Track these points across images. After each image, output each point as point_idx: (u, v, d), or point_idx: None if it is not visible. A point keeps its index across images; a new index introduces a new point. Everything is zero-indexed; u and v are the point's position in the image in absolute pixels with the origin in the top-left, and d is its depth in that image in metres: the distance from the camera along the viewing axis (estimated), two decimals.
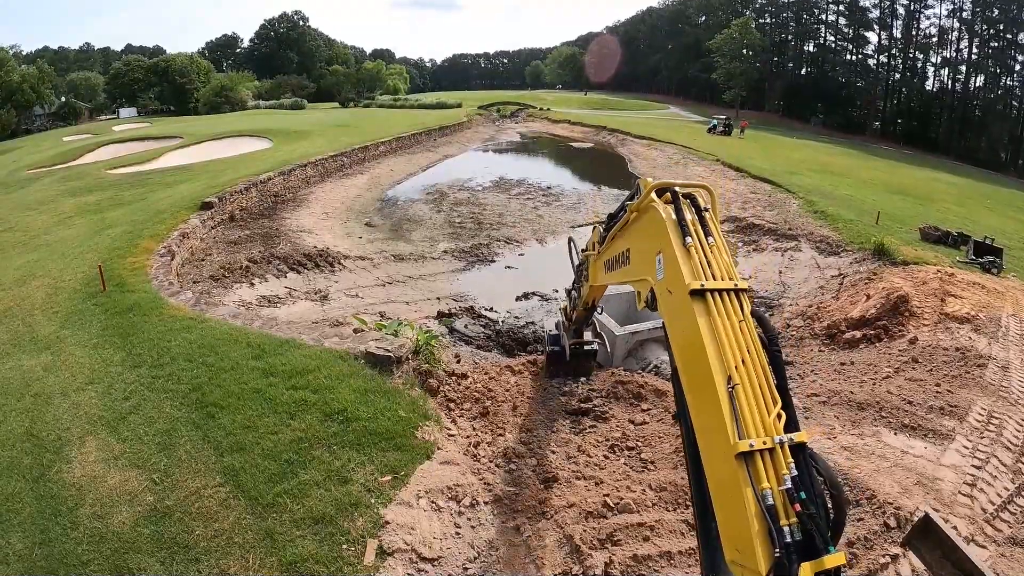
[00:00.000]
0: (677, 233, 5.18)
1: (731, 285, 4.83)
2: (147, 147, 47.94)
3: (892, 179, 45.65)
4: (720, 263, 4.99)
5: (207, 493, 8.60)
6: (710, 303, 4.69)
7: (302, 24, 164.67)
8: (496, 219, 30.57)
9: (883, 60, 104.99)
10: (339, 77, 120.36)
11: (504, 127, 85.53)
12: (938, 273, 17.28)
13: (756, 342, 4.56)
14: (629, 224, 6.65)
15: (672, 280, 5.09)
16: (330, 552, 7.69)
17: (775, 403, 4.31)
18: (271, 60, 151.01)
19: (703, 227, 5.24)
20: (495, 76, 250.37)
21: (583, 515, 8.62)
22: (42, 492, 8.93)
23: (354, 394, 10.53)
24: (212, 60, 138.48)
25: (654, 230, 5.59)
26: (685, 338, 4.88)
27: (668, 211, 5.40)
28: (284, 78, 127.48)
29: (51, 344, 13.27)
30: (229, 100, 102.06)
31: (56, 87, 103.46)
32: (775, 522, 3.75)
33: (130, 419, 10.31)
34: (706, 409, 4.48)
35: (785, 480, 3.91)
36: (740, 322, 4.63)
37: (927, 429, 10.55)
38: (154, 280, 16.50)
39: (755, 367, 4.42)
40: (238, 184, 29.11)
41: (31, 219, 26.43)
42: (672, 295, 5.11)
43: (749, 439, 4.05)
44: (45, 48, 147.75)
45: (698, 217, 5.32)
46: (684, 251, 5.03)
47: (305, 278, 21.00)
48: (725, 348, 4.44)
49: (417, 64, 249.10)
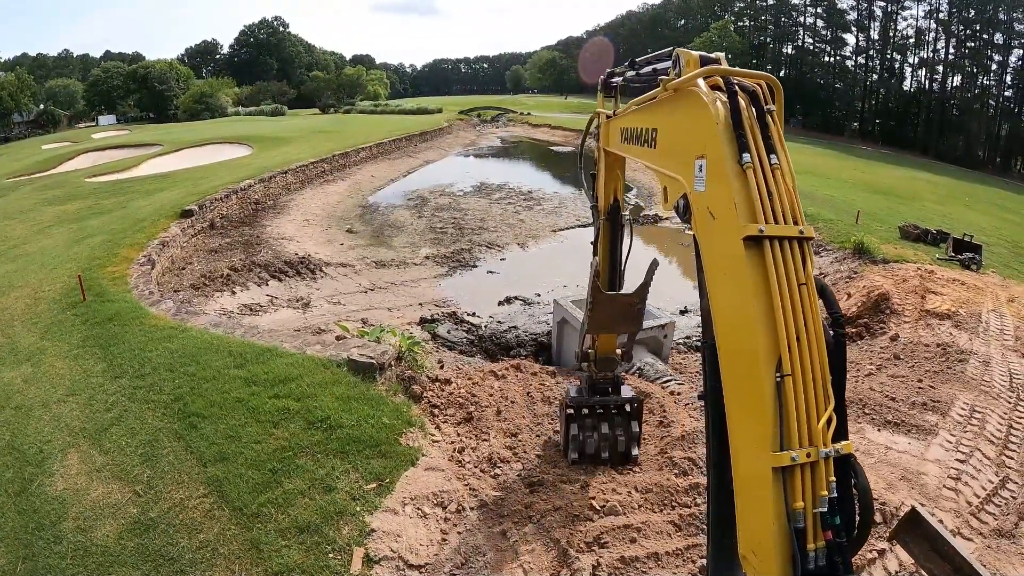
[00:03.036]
0: (731, 143, 3.88)
1: (796, 232, 3.78)
2: (127, 155, 47.77)
3: (872, 179, 46.11)
4: (785, 195, 3.87)
5: (191, 504, 8.53)
6: (767, 255, 3.67)
7: (282, 30, 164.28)
8: (478, 224, 30.66)
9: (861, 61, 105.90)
10: (319, 83, 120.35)
11: (485, 132, 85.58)
12: (918, 271, 17.46)
13: (817, 315, 3.71)
14: (660, 103, 5.13)
15: (718, 207, 3.97)
16: (316, 561, 7.62)
17: (828, 402, 3.65)
18: (251, 66, 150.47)
19: (765, 139, 3.95)
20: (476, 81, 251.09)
21: (570, 518, 8.62)
22: (24, 506, 8.85)
23: (337, 401, 10.47)
24: (192, 66, 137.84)
25: (697, 128, 4.20)
26: (729, 299, 3.93)
27: (720, 107, 3.99)
28: (264, 84, 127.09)
29: (31, 355, 13.15)
30: (209, 107, 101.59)
31: (35, 94, 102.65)
32: (802, 545, 3.42)
33: (112, 430, 10.22)
34: (744, 400, 3.80)
35: (822, 502, 3.47)
36: (801, 286, 3.70)
37: (910, 425, 10.65)
38: (135, 289, 16.39)
39: (811, 350, 3.64)
40: (218, 192, 29.10)
41: (10, 228, 26.20)
42: (715, 226, 4.01)
43: (792, 450, 3.48)
44: (23, 55, 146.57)
45: (759, 122, 4.00)
46: (739, 172, 3.82)
47: (287, 286, 20.97)
48: (779, 320, 3.59)
49: (397, 70, 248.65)
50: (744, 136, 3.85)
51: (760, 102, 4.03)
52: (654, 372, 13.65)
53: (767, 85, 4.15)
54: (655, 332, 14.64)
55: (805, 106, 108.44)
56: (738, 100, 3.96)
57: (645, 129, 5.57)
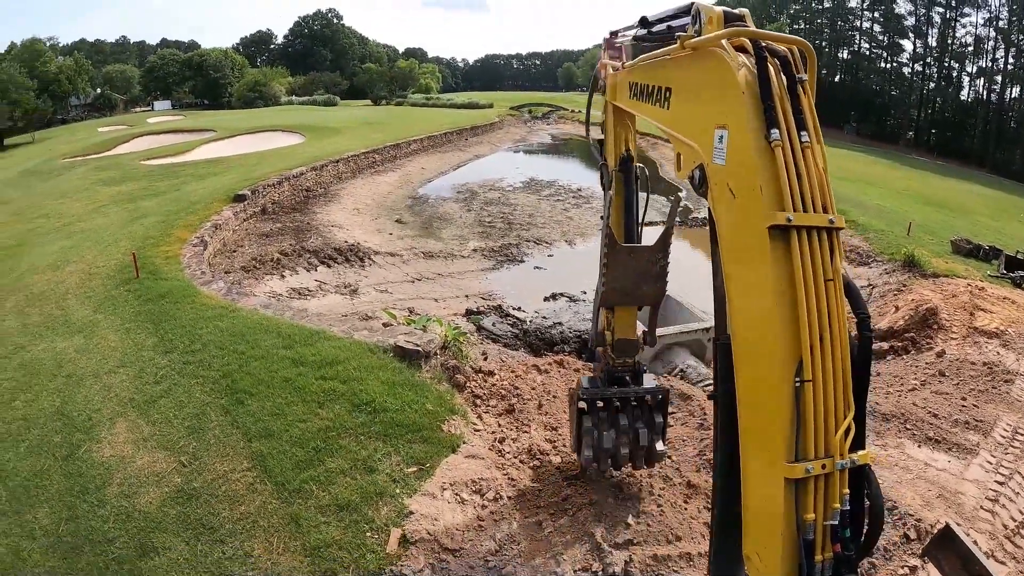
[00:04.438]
0: (757, 116, 3.44)
1: (826, 221, 3.42)
2: (181, 139, 48.63)
3: (925, 190, 45.17)
4: (815, 179, 3.46)
5: (234, 477, 8.76)
6: (794, 247, 3.33)
7: (336, 22, 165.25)
8: (526, 219, 30.61)
9: (918, 69, 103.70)
10: (372, 75, 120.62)
11: (535, 128, 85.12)
12: (968, 287, 17.09)
13: (843, 315, 3.41)
14: (676, 60, 4.50)
15: (740, 186, 3.59)
16: (354, 539, 7.79)
17: (848, 410, 3.41)
18: (305, 57, 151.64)
19: (795, 112, 3.50)
20: (527, 77, 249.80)
21: (605, 513, 8.64)
22: (71, 470, 9.16)
23: (382, 386, 10.61)
24: (246, 56, 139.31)
25: (720, 94, 3.73)
26: (749, 294, 3.63)
27: (746, 73, 3.52)
28: (317, 75, 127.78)
29: (84, 327, 13.54)
30: (263, 95, 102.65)
31: (92, 79, 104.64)
32: (809, 556, 3.30)
33: (160, 402, 10.52)
34: (759, 405, 3.56)
35: (834, 515, 3.33)
36: (828, 282, 3.37)
37: (951, 443, 10.45)
38: (187, 269, 16.78)
39: (835, 353, 3.37)
40: (270, 178, 29.53)
41: (66, 206, 26.93)
42: (737, 206, 3.65)
43: (807, 462, 3.27)
44: (82, 40, 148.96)
45: (789, 94, 3.53)
46: (766, 150, 3.40)
47: (335, 272, 21.26)
48: (803, 320, 3.28)
49: (449, 63, 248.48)
50: (773, 109, 3.41)
51: (792, 69, 3.57)
52: (696, 375, 13.58)
53: (799, 51, 3.70)
54: (699, 335, 14.53)
55: (860, 112, 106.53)
56: (767, 67, 3.48)
57: (657, 87, 5.05)
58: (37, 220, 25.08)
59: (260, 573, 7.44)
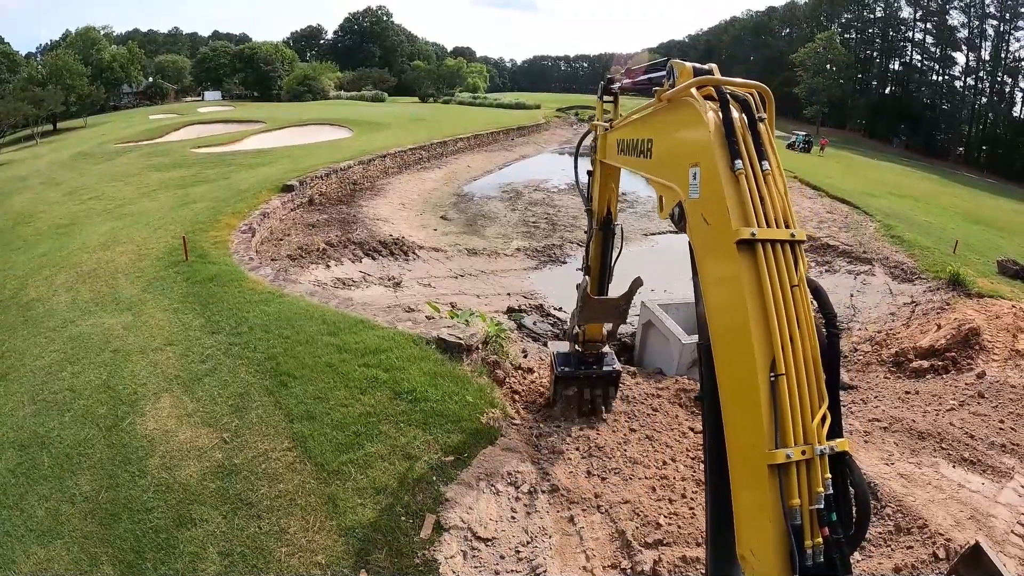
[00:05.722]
0: (724, 151, 4.03)
1: (787, 235, 3.91)
2: (231, 129, 49.44)
3: (973, 207, 44.35)
4: (776, 200, 4.00)
5: (275, 456, 8.94)
6: (760, 258, 3.80)
7: (385, 19, 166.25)
8: (570, 221, 30.44)
9: (970, 83, 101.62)
10: (420, 72, 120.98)
11: (582, 131, 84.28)
12: (1013, 308, 16.76)
13: (810, 316, 3.85)
14: (655, 113, 5.32)
15: (712, 212, 4.13)
16: (389, 522, 7.92)
17: (822, 401, 3.77)
18: (354, 53, 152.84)
19: (756, 146, 4.11)
20: (575, 79, 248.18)
21: (637, 512, 8.68)
22: (114, 440, 9.43)
23: (424, 376, 10.73)
24: (296, 50, 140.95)
25: (691, 136, 4.42)
26: (723, 301, 4.08)
27: (713, 116, 4.16)
28: (366, 71, 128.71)
29: (132, 305, 13.87)
30: (312, 89, 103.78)
31: (144, 68, 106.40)
32: (799, 542, 3.49)
33: (205, 381, 10.75)
34: (739, 400, 3.91)
35: (818, 499, 3.56)
36: (794, 287, 3.82)
37: (986, 465, 10.30)
38: (235, 254, 17.06)
39: (804, 350, 3.76)
40: (318, 170, 29.82)
41: (117, 189, 27.53)
42: (709, 231, 4.18)
43: (787, 448, 3.57)
44: (135, 30, 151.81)
45: (751, 130, 4.15)
46: (731, 178, 3.97)
47: (379, 264, 21.49)
48: (772, 321, 3.71)
49: (497, 63, 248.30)
50: (736, 143, 4.02)
51: (752, 110, 4.20)
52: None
53: (758, 94, 4.34)
54: None
55: (910, 126, 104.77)
56: (730, 109, 4.12)
57: (641, 140, 5.79)
58: (89, 202, 25.68)
59: (294, 549, 7.59)
